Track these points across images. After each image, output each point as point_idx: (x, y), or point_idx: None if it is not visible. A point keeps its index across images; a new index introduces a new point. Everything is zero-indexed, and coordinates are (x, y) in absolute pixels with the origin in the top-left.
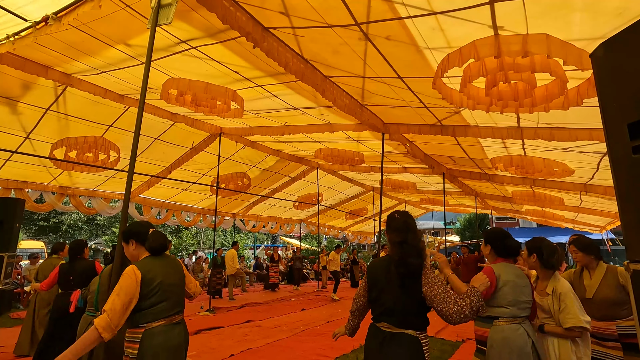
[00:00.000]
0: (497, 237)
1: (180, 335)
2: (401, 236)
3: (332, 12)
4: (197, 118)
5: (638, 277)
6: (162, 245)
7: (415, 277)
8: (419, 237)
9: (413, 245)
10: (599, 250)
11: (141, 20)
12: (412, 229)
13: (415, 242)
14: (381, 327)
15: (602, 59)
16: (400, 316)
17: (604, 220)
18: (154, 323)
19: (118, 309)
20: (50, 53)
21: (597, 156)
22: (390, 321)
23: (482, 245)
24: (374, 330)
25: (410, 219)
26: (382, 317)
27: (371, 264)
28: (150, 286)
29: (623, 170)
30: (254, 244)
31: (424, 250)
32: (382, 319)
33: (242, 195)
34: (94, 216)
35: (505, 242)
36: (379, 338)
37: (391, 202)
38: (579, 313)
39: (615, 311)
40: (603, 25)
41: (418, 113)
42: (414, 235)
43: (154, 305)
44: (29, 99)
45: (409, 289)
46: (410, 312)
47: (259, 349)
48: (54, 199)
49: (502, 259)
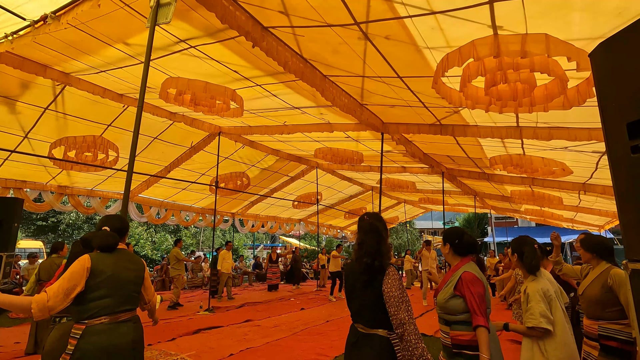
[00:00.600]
0: (454, 236)
1: (126, 334)
2: (361, 237)
3: (331, 12)
4: (196, 117)
5: (637, 277)
6: (107, 246)
7: (373, 277)
8: (379, 239)
9: (369, 245)
10: (601, 249)
11: (140, 20)
12: (374, 231)
13: (372, 243)
14: (357, 327)
15: (601, 59)
16: (370, 317)
17: (602, 220)
18: (95, 320)
19: (60, 292)
20: (49, 52)
21: (596, 155)
22: (362, 322)
23: (441, 246)
24: (352, 330)
25: (378, 221)
26: (356, 318)
27: (345, 266)
28: (98, 278)
29: (622, 169)
30: (253, 243)
31: (386, 253)
32: (356, 319)
33: (241, 195)
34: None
35: (462, 240)
36: (354, 338)
37: (390, 201)
38: (539, 314)
39: (597, 310)
40: (603, 25)
41: (417, 112)
42: (375, 236)
43: (99, 299)
44: (28, 98)
45: (373, 289)
46: (378, 312)
47: (258, 349)
48: (53, 198)
49: (461, 257)
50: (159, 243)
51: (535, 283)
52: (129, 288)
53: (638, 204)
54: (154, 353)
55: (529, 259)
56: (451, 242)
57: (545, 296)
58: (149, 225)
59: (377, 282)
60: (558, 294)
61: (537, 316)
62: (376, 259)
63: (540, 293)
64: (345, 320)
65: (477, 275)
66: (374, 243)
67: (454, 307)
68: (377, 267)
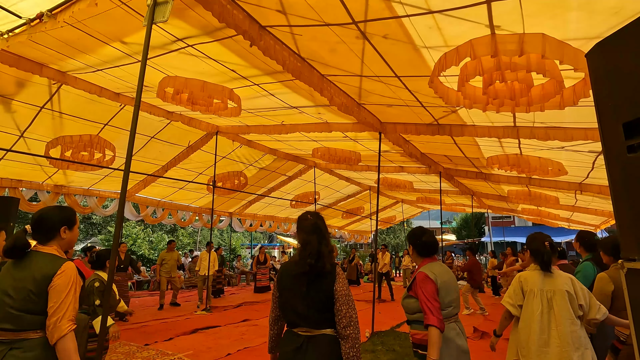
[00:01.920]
0: (415, 236)
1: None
2: (304, 237)
3: (329, 11)
4: (194, 116)
5: (632, 276)
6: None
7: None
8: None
9: (314, 246)
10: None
11: (137, 18)
12: (318, 231)
13: (316, 243)
14: (298, 332)
15: (597, 59)
16: (318, 317)
17: (598, 219)
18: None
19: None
20: (45, 50)
21: (592, 155)
22: (308, 324)
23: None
24: (290, 336)
25: (321, 220)
26: (297, 322)
27: (281, 267)
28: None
29: (618, 169)
30: (251, 243)
31: (331, 253)
32: (297, 323)
33: (238, 194)
34: (90, 215)
35: (423, 240)
36: (296, 343)
37: (388, 201)
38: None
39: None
40: (599, 25)
41: (415, 112)
42: (319, 236)
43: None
44: (23, 97)
45: (322, 289)
46: (326, 312)
47: (255, 348)
48: (49, 198)
49: (425, 258)
50: (156, 242)
51: (527, 273)
52: (6, 303)
53: (633, 203)
54: (152, 353)
55: (540, 254)
56: (413, 243)
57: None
58: (146, 224)
59: (327, 282)
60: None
61: (505, 296)
62: (323, 259)
63: (519, 280)
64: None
65: (430, 275)
66: (318, 243)
67: (407, 306)
68: (325, 267)
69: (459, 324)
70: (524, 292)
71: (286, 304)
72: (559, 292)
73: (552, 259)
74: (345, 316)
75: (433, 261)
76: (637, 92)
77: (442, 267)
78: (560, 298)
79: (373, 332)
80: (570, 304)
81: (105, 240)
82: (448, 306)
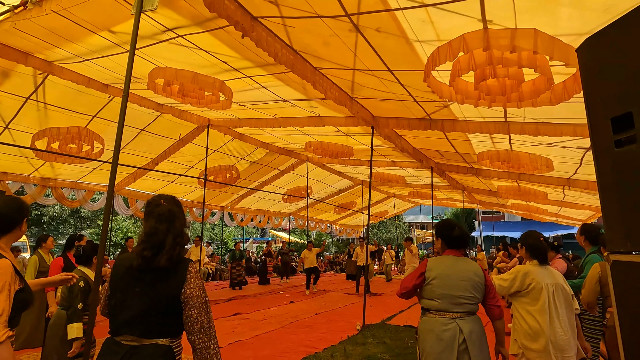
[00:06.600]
0: (446, 230)
1: None
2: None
3: (322, 2)
4: (185, 109)
5: (618, 268)
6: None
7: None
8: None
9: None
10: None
11: (125, 6)
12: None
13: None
14: (121, 340)
15: (587, 54)
16: (152, 324)
17: (585, 214)
18: None
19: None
20: (30, 39)
21: (581, 151)
22: (136, 332)
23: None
24: (110, 346)
25: (178, 207)
26: (123, 329)
27: (116, 260)
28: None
29: (606, 163)
30: (243, 237)
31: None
32: (124, 330)
33: (230, 188)
34: (79, 208)
35: (452, 234)
36: (117, 355)
37: (380, 195)
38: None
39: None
40: (590, 21)
41: (407, 106)
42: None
43: None
44: (8, 87)
45: (164, 290)
46: (163, 318)
47: (247, 342)
48: (35, 191)
49: (448, 249)
50: None
51: (528, 267)
52: None
53: (620, 197)
54: None
55: (537, 249)
56: (442, 236)
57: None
58: (136, 218)
59: (172, 282)
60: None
61: (501, 277)
62: (172, 252)
63: (523, 272)
64: (335, 313)
65: (427, 264)
66: (169, 233)
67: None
68: (172, 262)
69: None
70: (527, 284)
71: (119, 307)
72: (558, 285)
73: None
74: (195, 321)
75: (453, 255)
76: (625, 87)
77: (453, 261)
78: (560, 290)
79: (364, 325)
80: (566, 295)
81: (95, 234)
82: (440, 298)
